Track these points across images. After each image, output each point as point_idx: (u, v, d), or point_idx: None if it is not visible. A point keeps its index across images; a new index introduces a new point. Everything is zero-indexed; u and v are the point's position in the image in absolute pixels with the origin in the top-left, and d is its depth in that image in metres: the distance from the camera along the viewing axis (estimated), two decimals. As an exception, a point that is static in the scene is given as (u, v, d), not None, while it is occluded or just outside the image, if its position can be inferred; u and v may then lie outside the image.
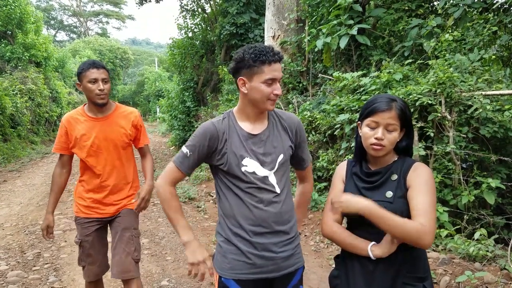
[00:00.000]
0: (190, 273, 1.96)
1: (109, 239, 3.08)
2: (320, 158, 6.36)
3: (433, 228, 1.62)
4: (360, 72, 6.42)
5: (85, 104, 3.00)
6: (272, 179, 1.94)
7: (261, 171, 1.92)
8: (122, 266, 2.84)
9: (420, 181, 1.72)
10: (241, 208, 1.92)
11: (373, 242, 1.74)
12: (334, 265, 4.87)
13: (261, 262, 1.91)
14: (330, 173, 6.20)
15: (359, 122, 1.87)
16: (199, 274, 1.95)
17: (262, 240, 1.91)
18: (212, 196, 8.31)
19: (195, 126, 14.66)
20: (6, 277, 4.39)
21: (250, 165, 1.91)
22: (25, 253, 5.11)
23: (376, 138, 1.76)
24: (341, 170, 1.98)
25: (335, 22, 7.00)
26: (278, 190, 1.95)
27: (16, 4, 18.42)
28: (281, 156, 1.97)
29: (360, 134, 1.86)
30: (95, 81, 2.78)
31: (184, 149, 1.96)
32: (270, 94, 1.86)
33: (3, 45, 19.00)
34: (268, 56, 1.83)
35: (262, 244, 1.91)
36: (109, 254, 3.04)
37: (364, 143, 1.81)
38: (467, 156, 4.64)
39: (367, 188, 1.84)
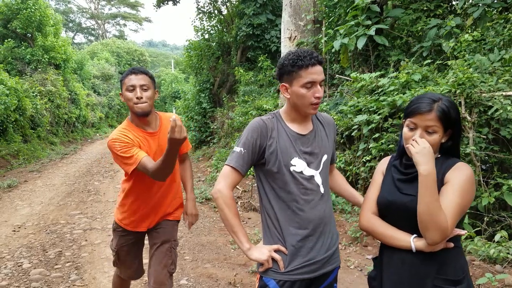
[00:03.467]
0: (264, 268, 1.95)
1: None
2: (337, 159, 6.34)
3: (444, 228, 1.59)
4: (378, 73, 6.40)
5: (128, 120, 2.73)
6: (318, 179, 1.98)
7: (308, 171, 1.96)
8: (158, 278, 2.75)
9: (457, 180, 1.68)
10: (286, 212, 1.94)
11: (415, 235, 1.70)
12: (352, 266, 4.86)
13: (304, 265, 1.93)
14: (347, 174, 6.18)
15: (404, 120, 1.84)
16: (271, 262, 1.93)
17: (307, 244, 1.94)
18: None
19: (211, 127, 14.74)
20: (29, 275, 4.48)
21: (298, 165, 1.94)
22: (47, 252, 5.21)
23: (414, 140, 1.72)
24: (382, 164, 1.98)
25: (352, 22, 6.98)
26: (322, 190, 1.98)
27: (36, 7, 18.75)
28: (325, 156, 2.02)
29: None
30: (133, 88, 2.56)
31: (236, 149, 1.95)
32: (311, 98, 1.89)
33: (23, 47, 19.35)
34: (305, 60, 1.86)
35: (306, 248, 1.94)
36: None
37: (404, 142, 1.79)
38: (487, 157, 4.59)
39: (402, 180, 1.81)
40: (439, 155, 1.81)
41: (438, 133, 1.71)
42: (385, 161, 1.99)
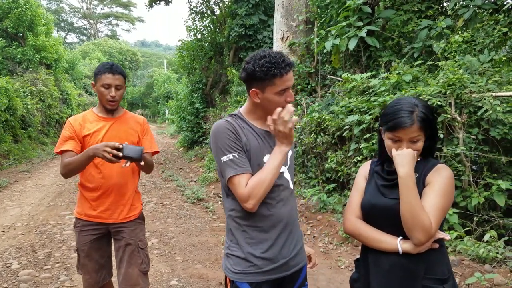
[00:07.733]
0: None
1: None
2: (329, 160, 6.35)
3: (428, 228, 1.61)
4: (369, 74, 6.42)
5: (93, 108, 2.92)
6: (287, 175, 1.95)
7: None
8: (129, 279, 2.73)
9: (438, 181, 1.72)
10: (259, 211, 1.85)
11: (401, 237, 1.71)
12: (342, 266, 4.87)
13: (275, 264, 1.89)
14: (339, 174, 6.19)
15: (381, 128, 1.84)
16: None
17: (278, 242, 1.90)
18: (221, 197, 8.33)
19: (204, 127, 14.72)
20: (18, 276, 4.44)
21: None
22: (36, 253, 5.16)
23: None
24: (364, 168, 1.99)
25: (344, 23, 6.99)
26: (291, 186, 1.97)
27: (27, 6, 18.63)
28: (290, 152, 1.98)
29: (384, 138, 1.83)
30: (108, 86, 2.73)
31: (224, 158, 1.82)
32: (283, 102, 1.84)
33: (14, 47, 19.20)
34: (279, 68, 1.77)
35: (278, 247, 1.89)
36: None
37: (389, 153, 1.79)
38: (477, 157, 4.61)
39: (385, 186, 1.82)
40: (419, 158, 1.83)
41: (421, 140, 1.75)
42: (366, 165, 2.00)
